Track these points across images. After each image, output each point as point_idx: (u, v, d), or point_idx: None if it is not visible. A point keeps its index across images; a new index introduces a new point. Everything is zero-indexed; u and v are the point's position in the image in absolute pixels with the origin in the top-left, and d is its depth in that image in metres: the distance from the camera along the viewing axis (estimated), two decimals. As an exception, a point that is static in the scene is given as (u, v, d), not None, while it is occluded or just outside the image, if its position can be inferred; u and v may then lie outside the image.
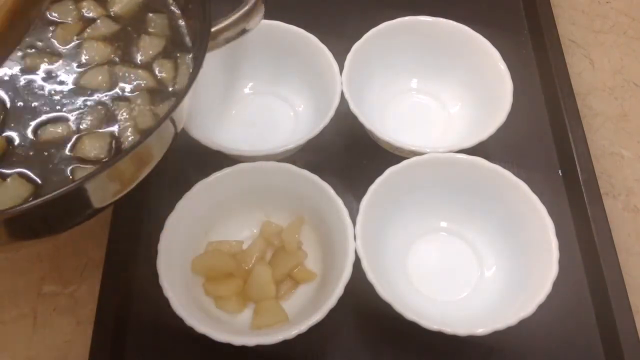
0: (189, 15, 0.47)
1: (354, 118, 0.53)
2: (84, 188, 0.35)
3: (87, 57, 0.45)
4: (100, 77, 0.44)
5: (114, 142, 0.41)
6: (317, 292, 0.49)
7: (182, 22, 0.47)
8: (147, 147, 0.38)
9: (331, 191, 0.49)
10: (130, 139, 0.41)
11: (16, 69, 0.44)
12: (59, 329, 0.50)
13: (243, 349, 0.43)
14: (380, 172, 0.50)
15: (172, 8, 0.48)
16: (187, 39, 0.46)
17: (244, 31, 0.46)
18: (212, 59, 0.57)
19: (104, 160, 0.40)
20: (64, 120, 0.42)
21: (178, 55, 0.46)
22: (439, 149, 0.52)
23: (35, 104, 0.42)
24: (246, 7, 0.45)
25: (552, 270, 0.45)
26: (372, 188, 0.49)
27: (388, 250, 0.51)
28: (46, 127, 0.41)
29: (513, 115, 0.53)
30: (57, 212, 0.37)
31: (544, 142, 0.60)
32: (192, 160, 0.54)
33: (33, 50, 0.45)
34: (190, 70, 0.44)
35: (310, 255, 0.51)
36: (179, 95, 0.39)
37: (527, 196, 0.49)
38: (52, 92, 0.43)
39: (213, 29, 0.44)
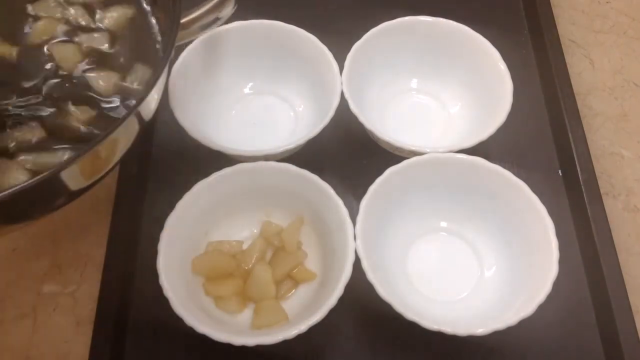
0: (158, 8, 0.46)
1: (354, 118, 0.53)
2: (57, 177, 0.35)
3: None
4: None
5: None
6: (317, 292, 0.49)
7: (153, 19, 0.46)
8: (113, 140, 0.37)
9: (331, 191, 0.49)
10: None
11: None
12: (59, 329, 0.50)
13: (243, 349, 0.43)
14: (380, 172, 0.50)
15: (144, 5, 0.47)
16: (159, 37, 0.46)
17: (217, 20, 0.46)
18: (212, 59, 0.58)
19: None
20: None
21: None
22: (439, 149, 0.52)
23: None
24: None
25: (552, 270, 0.45)
26: (372, 188, 0.49)
27: (388, 250, 0.51)
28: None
29: (513, 115, 0.53)
30: (33, 199, 0.36)
31: (544, 142, 0.60)
32: (192, 160, 0.54)
33: None
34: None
35: (310, 255, 0.51)
36: (148, 86, 0.38)
37: (527, 196, 0.49)
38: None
39: (184, 20, 0.43)
